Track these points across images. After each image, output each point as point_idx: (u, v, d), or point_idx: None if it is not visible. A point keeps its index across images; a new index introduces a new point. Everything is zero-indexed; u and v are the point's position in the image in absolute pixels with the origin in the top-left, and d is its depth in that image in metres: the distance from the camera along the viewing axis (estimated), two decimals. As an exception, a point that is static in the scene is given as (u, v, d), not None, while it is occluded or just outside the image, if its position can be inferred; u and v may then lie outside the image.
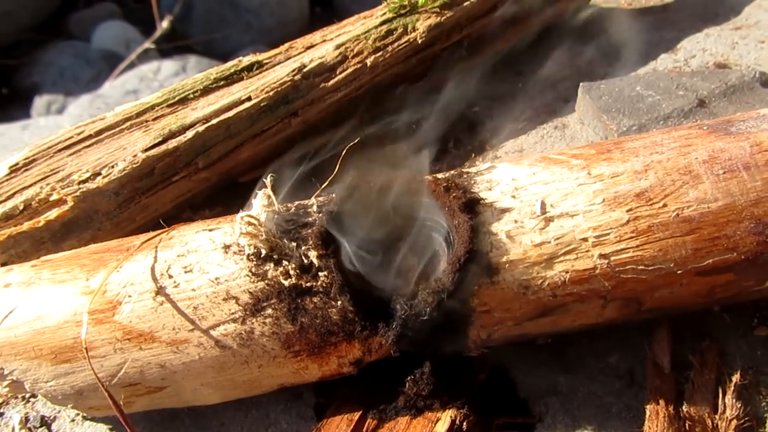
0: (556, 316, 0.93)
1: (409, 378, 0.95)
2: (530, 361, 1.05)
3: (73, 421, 1.08)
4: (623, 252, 0.90)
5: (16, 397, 1.12)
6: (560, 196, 0.93)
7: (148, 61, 3.86)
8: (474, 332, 0.94)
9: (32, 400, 1.12)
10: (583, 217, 0.91)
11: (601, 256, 0.90)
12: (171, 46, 4.12)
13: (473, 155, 1.46)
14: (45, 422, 1.08)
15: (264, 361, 0.92)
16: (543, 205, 0.92)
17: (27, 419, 1.09)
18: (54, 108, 3.85)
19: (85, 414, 1.06)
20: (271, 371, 0.93)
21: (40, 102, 3.87)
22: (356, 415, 0.96)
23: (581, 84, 1.45)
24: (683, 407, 0.96)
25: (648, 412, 0.95)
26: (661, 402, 0.96)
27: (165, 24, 4.09)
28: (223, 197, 1.38)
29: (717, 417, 0.94)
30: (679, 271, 0.90)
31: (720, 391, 0.98)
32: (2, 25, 3.98)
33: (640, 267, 0.90)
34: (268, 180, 0.98)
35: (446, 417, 0.93)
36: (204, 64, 3.80)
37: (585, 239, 0.90)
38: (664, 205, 0.91)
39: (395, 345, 0.91)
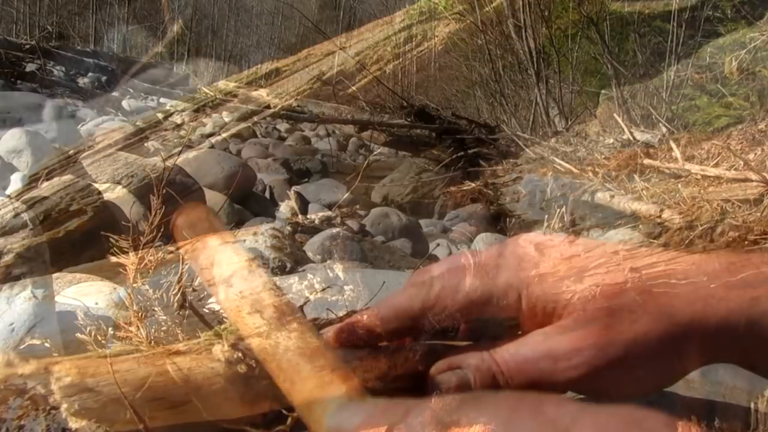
0: (585, 331, 0.91)
1: (435, 393, 0.94)
2: (557, 375, 1.03)
3: (94, 433, 1.07)
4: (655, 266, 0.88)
5: (37, 409, 1.12)
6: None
7: (158, 65, 3.88)
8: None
9: (53, 412, 1.11)
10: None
11: (632, 269, 0.88)
12: (181, 50, 4.14)
13: (493, 162, 1.45)
14: (66, 435, 1.08)
15: (289, 375, 0.91)
16: (573, 216, 0.91)
17: (48, 432, 1.08)
18: (65, 112, 3.87)
19: (108, 429, 1.06)
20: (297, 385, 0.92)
21: (52, 106, 3.89)
22: (382, 430, 0.95)
23: (602, 92, 1.43)
24: (715, 423, 0.94)
25: (679, 429, 0.93)
26: (693, 417, 0.94)
27: (175, 28, 4.11)
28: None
29: (750, 433, 0.93)
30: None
31: (752, 406, 0.96)
32: (14, 29, 4.01)
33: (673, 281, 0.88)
34: (292, 193, 0.98)
35: (473, 433, 0.92)
36: (214, 68, 3.82)
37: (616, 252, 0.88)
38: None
39: (422, 360, 0.90)
